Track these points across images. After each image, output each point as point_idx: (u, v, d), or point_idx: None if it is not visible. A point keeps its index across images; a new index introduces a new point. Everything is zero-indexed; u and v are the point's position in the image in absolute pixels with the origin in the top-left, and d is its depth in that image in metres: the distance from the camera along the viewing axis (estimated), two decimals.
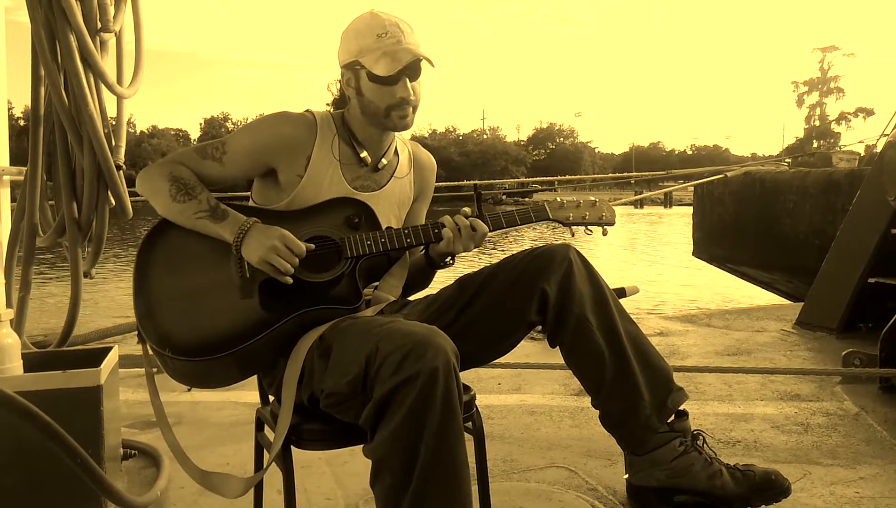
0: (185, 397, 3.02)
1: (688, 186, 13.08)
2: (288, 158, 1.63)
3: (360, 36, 1.62)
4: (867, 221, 4.14)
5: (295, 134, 1.64)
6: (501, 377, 3.27)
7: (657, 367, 1.74)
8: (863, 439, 2.45)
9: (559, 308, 1.65)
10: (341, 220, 1.60)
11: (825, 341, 4.00)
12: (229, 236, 1.53)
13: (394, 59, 1.57)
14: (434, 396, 1.25)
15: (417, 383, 1.24)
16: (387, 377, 1.27)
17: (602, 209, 1.73)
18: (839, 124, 74.53)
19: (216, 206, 1.56)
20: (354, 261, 1.57)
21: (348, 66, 1.65)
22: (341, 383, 1.36)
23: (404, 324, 1.38)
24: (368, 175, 1.71)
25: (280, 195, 1.64)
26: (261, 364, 1.59)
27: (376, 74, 1.58)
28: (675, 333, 4.28)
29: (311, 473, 2.12)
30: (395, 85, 1.60)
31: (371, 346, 1.31)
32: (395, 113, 1.62)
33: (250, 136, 1.65)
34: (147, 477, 2.17)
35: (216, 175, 1.64)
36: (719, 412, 2.77)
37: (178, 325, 1.50)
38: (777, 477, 1.76)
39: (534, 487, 2.07)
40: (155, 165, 1.64)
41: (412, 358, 1.26)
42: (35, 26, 2.23)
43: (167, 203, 1.57)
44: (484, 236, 1.62)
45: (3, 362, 1.87)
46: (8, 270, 2.39)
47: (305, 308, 1.52)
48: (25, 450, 1.74)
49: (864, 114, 74.50)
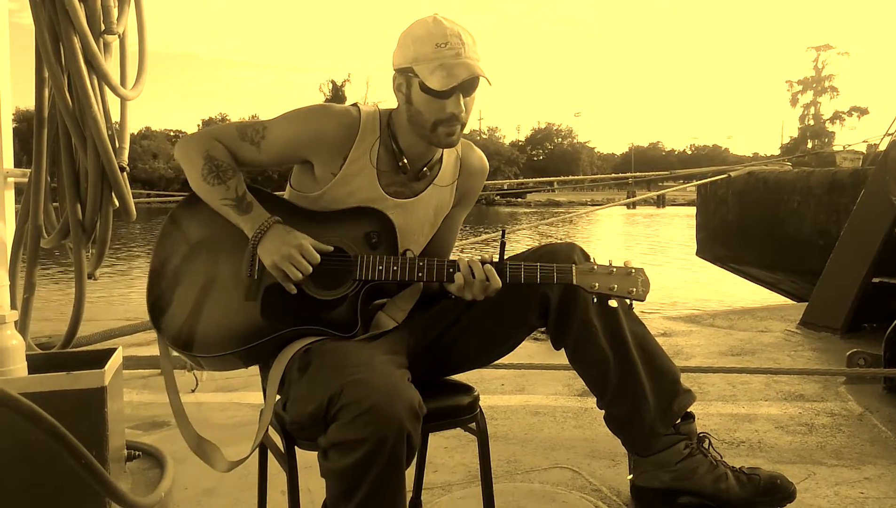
0: (188, 398, 3.02)
1: (687, 186, 13.09)
2: (324, 154, 1.59)
3: (418, 42, 1.52)
4: (871, 220, 4.13)
5: (335, 132, 1.59)
6: (505, 377, 3.26)
7: (664, 370, 1.73)
8: (867, 439, 2.45)
9: (563, 311, 1.64)
10: (361, 234, 1.57)
11: (829, 341, 4.00)
12: (249, 230, 1.53)
13: (450, 73, 1.48)
14: (380, 459, 1.26)
15: (366, 446, 1.25)
16: (341, 425, 1.28)
17: (635, 282, 1.53)
18: (833, 123, 74.39)
19: (243, 195, 1.56)
20: (361, 285, 1.54)
21: (402, 71, 1.56)
22: (304, 413, 1.38)
23: (375, 372, 1.34)
24: (406, 182, 1.65)
25: (314, 186, 1.62)
26: (258, 360, 1.61)
27: (429, 87, 1.50)
28: (679, 333, 4.27)
29: (314, 473, 2.10)
30: (447, 99, 1.51)
31: (336, 387, 1.30)
32: (443, 129, 1.54)
33: (291, 127, 1.60)
34: (151, 479, 2.18)
35: (251, 159, 1.61)
36: (723, 412, 2.77)
37: (179, 316, 1.53)
38: (782, 481, 1.76)
39: (537, 488, 2.07)
40: (195, 135, 1.63)
41: (364, 420, 1.25)
42: (39, 28, 2.24)
43: (198, 181, 1.57)
44: (496, 291, 1.52)
45: (7, 363, 1.88)
46: (12, 271, 2.40)
47: (301, 325, 1.52)
48: (29, 452, 1.75)
49: (859, 113, 74.31)
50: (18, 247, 2.47)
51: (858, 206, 4.36)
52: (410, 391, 1.33)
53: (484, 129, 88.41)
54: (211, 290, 1.54)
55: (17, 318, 2.04)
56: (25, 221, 2.45)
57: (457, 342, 1.66)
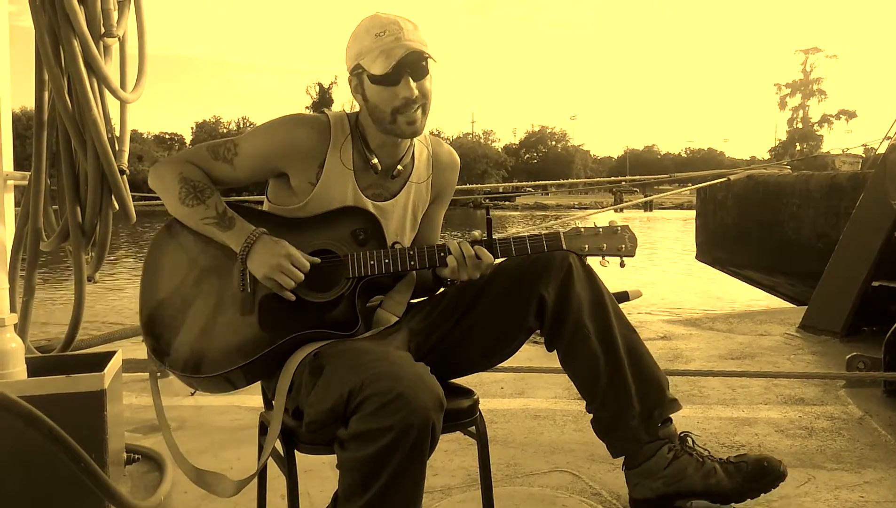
0: (188, 401, 3.02)
1: (683, 190, 13.07)
2: (300, 164, 1.60)
3: (358, 38, 1.58)
4: (871, 224, 4.13)
5: (308, 139, 1.60)
6: (504, 381, 3.26)
7: (651, 377, 1.72)
8: (867, 443, 2.44)
9: (557, 313, 1.64)
10: (348, 233, 1.58)
11: (829, 344, 4.00)
12: (235, 246, 1.53)
13: (388, 55, 1.51)
14: (403, 447, 1.26)
15: (391, 434, 1.25)
16: (364, 416, 1.28)
17: (623, 239, 1.61)
18: (822, 127, 74.39)
19: (224, 212, 1.56)
20: (356, 282, 1.55)
21: (352, 71, 1.61)
22: (322, 410, 1.38)
23: (396, 365, 1.35)
24: (382, 183, 1.67)
25: (292, 199, 1.63)
26: (259, 376, 1.60)
27: (374, 74, 1.53)
28: (679, 337, 4.27)
29: (313, 477, 2.11)
30: (396, 85, 1.53)
31: (357, 381, 1.31)
32: (402, 117, 1.56)
33: (263, 139, 1.62)
34: (150, 482, 2.17)
35: (226, 177, 1.62)
36: (723, 416, 2.77)
37: (176, 340, 1.52)
38: (770, 463, 1.73)
39: (537, 491, 2.07)
40: (167, 161, 1.63)
41: (391, 408, 1.26)
42: (39, 31, 2.24)
43: (176, 204, 1.57)
44: (490, 266, 1.56)
45: (6, 366, 1.88)
46: (11, 274, 2.40)
47: (302, 331, 1.52)
48: (29, 454, 1.74)
49: (847, 116, 74.33)
50: (18, 250, 2.47)
51: (858, 209, 4.36)
52: (435, 383, 1.34)
53: (479, 131, 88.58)
54: (206, 311, 1.53)
55: (17, 321, 2.04)
56: (25, 223, 2.45)
57: (457, 346, 1.66)
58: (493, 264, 1.56)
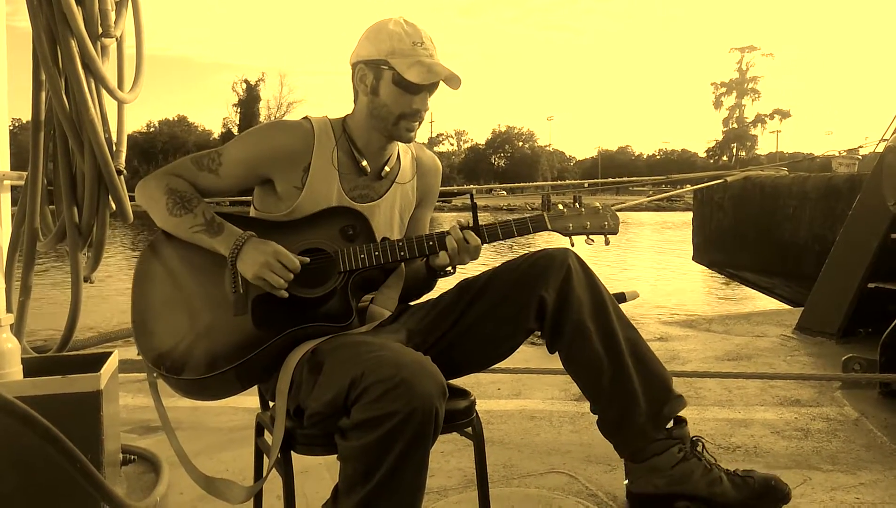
0: (183, 402, 2.98)
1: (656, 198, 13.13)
2: (284, 169, 1.62)
3: (394, 38, 1.58)
4: (867, 226, 4.14)
5: (291, 144, 1.62)
6: (501, 382, 3.26)
7: (655, 374, 1.74)
8: (863, 444, 2.45)
9: (557, 315, 1.65)
10: (336, 231, 1.59)
11: (825, 346, 4.00)
12: (224, 250, 1.53)
13: (430, 70, 1.56)
14: (407, 433, 1.26)
15: (394, 419, 1.26)
16: (366, 404, 1.28)
17: (605, 217, 1.65)
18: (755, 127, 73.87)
19: (212, 219, 1.57)
20: (348, 275, 1.56)
21: (371, 63, 1.60)
22: (323, 401, 1.38)
23: (396, 353, 1.36)
24: (368, 184, 1.69)
25: (279, 205, 1.64)
26: (256, 377, 1.60)
27: (406, 79, 1.56)
28: (675, 338, 4.28)
29: (310, 478, 2.11)
30: (416, 95, 1.58)
31: (358, 370, 1.31)
32: (404, 123, 1.60)
33: (246, 146, 1.64)
34: (147, 483, 2.17)
35: (212, 186, 1.64)
36: (719, 417, 2.77)
37: (170, 344, 1.52)
38: (777, 483, 1.76)
39: (534, 493, 2.07)
40: (153, 176, 1.64)
41: (394, 394, 1.26)
42: (36, 31, 2.24)
43: (164, 216, 1.58)
44: (478, 250, 1.59)
45: (2, 366, 1.87)
46: (8, 274, 2.39)
47: (297, 326, 1.52)
48: (24, 455, 1.74)
49: (781, 116, 73.76)
50: (14, 250, 2.47)
51: (854, 211, 4.37)
52: (437, 370, 1.35)
53: (451, 131, 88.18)
54: (200, 317, 1.53)
55: (13, 321, 2.04)
56: (22, 223, 2.45)
57: (455, 346, 1.66)
58: (481, 247, 1.59)
